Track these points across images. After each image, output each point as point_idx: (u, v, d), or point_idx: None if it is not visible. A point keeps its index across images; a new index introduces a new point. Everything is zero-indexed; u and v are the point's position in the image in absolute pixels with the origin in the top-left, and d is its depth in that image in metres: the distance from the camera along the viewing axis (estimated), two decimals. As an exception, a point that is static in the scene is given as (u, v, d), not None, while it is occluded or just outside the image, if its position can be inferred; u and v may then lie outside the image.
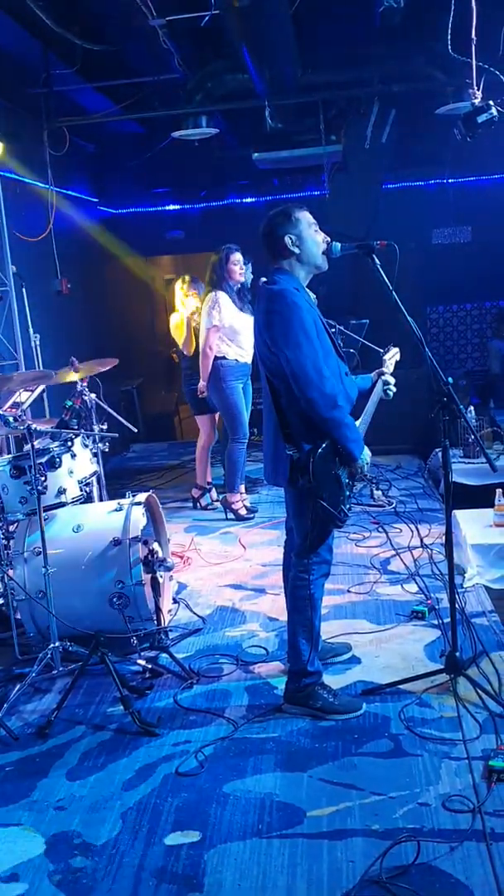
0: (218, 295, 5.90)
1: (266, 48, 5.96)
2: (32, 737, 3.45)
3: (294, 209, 3.33)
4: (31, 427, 3.80)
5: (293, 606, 3.46)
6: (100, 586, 4.01)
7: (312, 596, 3.40)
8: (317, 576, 3.41)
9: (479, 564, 4.57)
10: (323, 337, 3.29)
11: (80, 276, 8.41)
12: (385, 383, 3.56)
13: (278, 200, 9.40)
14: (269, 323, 3.23)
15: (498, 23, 5.42)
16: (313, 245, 3.32)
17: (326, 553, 3.46)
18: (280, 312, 3.19)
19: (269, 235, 3.33)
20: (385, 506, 6.20)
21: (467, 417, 3.79)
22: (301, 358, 3.13)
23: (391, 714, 3.39)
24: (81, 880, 2.61)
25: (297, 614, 3.43)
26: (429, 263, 9.28)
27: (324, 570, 3.46)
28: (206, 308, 5.94)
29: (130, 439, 8.91)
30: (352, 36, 6.72)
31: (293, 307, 3.18)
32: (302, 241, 3.30)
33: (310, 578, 3.39)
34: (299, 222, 3.31)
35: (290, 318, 3.17)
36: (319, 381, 3.13)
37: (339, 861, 2.59)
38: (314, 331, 3.21)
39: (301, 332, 3.16)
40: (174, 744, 3.32)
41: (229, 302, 5.90)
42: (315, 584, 3.41)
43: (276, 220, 3.32)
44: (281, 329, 3.17)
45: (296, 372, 3.14)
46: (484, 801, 2.79)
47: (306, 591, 3.39)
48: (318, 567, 3.41)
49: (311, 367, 3.13)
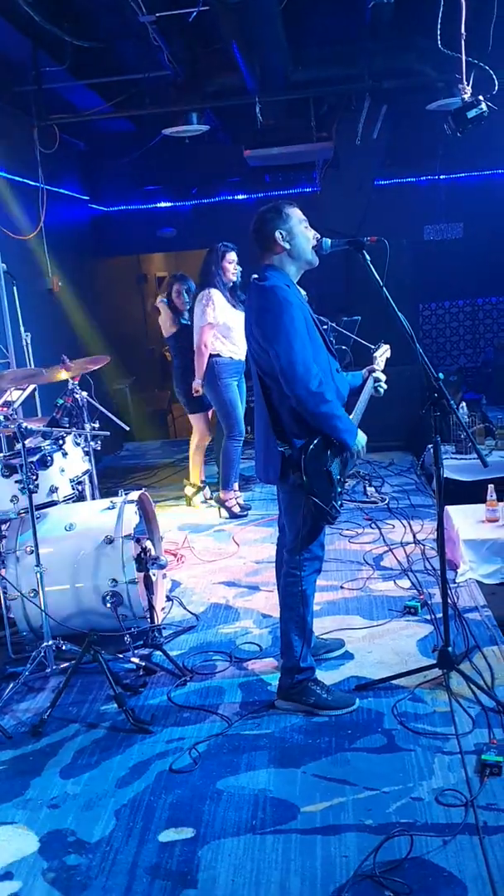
0: (211, 292, 5.88)
1: (256, 44, 5.95)
2: (26, 735, 3.45)
3: (284, 205, 3.34)
4: (22, 426, 3.80)
5: (285, 603, 3.47)
6: (93, 585, 4.01)
7: (304, 592, 3.40)
8: (308, 572, 3.42)
9: (472, 560, 4.58)
10: (313, 333, 3.29)
11: (71, 274, 8.38)
12: (376, 380, 3.59)
13: (270, 197, 9.39)
14: (259, 319, 3.24)
15: (487, 18, 5.42)
16: (303, 240, 3.32)
17: (318, 550, 3.47)
18: (270, 309, 3.20)
19: (260, 231, 3.33)
20: (378, 502, 6.21)
21: (459, 413, 3.80)
22: (290, 354, 3.14)
23: (384, 709, 3.40)
24: (75, 878, 2.61)
25: (289, 611, 3.44)
26: (420, 260, 9.26)
27: (315, 566, 3.47)
28: (199, 305, 5.93)
29: (123, 438, 8.90)
30: (342, 32, 6.71)
31: (283, 303, 3.18)
32: (292, 237, 3.30)
33: (301, 575, 3.40)
34: (290, 218, 3.31)
35: (280, 314, 3.17)
36: (307, 377, 3.14)
37: (333, 856, 2.60)
38: (304, 327, 3.22)
39: (291, 328, 3.16)
40: (168, 741, 3.32)
41: (222, 299, 5.89)
42: (307, 581, 3.41)
43: (267, 215, 3.32)
44: (271, 325, 3.18)
45: (284, 368, 3.15)
46: (477, 795, 2.80)
47: (298, 587, 3.40)
48: (309, 563, 3.42)
49: (300, 363, 3.14)
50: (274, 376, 3.23)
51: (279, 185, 10.10)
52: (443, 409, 3.38)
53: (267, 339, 3.20)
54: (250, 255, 3.46)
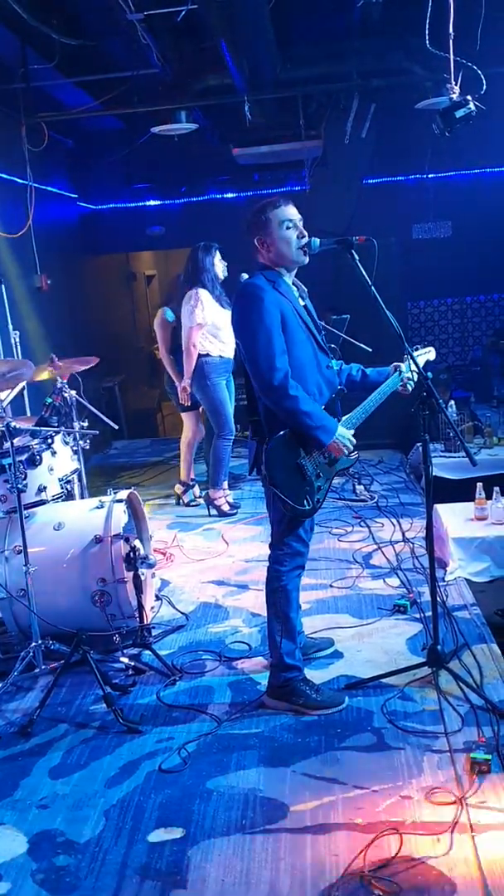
0: (199, 292, 5.86)
1: (245, 43, 5.93)
2: (15, 735, 3.44)
3: (268, 208, 3.34)
4: (10, 424, 3.78)
5: (268, 599, 3.48)
6: (81, 584, 4.00)
7: (285, 588, 3.41)
8: (289, 567, 3.42)
9: (461, 558, 4.59)
10: (294, 328, 3.29)
11: (60, 273, 8.36)
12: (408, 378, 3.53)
13: (259, 195, 9.39)
14: (233, 315, 3.39)
15: (475, 18, 5.43)
16: (283, 245, 3.33)
17: (299, 545, 3.45)
18: (240, 305, 3.32)
19: (246, 234, 3.40)
20: (367, 500, 6.22)
21: (447, 412, 3.80)
22: (254, 348, 3.21)
23: (374, 708, 3.40)
24: (65, 879, 2.60)
25: (272, 606, 3.45)
26: (409, 258, 9.28)
27: (297, 561, 3.46)
28: (187, 306, 5.91)
29: (112, 436, 8.88)
30: (331, 31, 6.71)
31: (253, 299, 3.25)
32: (271, 243, 3.33)
33: (282, 570, 3.41)
34: (269, 223, 3.32)
35: (249, 309, 3.25)
36: (270, 372, 3.17)
37: (323, 855, 2.60)
38: (276, 322, 3.23)
39: (258, 323, 3.20)
40: (157, 741, 3.31)
41: (210, 298, 5.88)
42: (288, 577, 3.41)
43: (250, 220, 3.38)
44: (239, 320, 3.31)
45: (248, 362, 3.26)
46: (466, 794, 2.80)
47: (279, 582, 3.41)
48: (290, 559, 3.42)
49: (263, 358, 3.19)
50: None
51: (268, 184, 10.09)
52: (431, 407, 3.38)
53: (237, 334, 3.34)
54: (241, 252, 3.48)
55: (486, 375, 9.03)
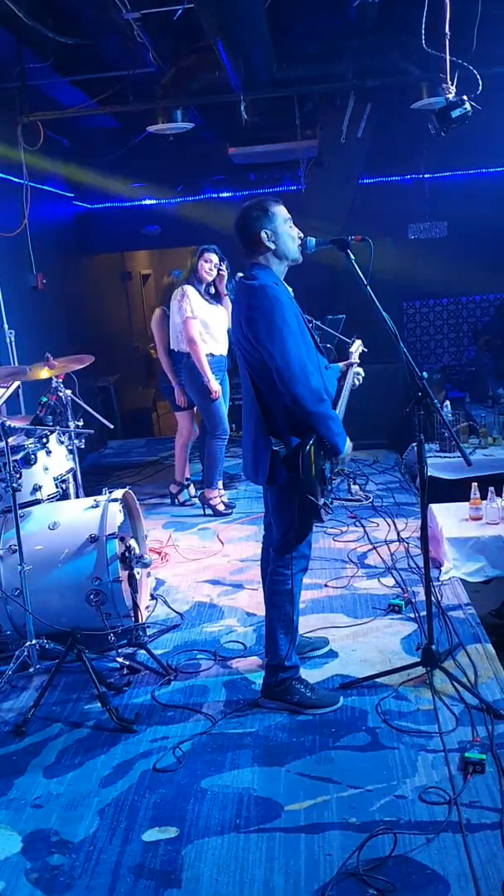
0: (185, 289, 5.95)
1: (241, 42, 5.93)
2: (9, 735, 3.43)
3: (269, 203, 3.30)
4: (5, 424, 3.78)
5: (272, 602, 3.47)
6: (76, 583, 3.99)
7: (291, 591, 3.40)
8: (296, 570, 3.41)
9: (455, 558, 4.60)
10: (304, 331, 3.29)
11: (55, 272, 8.34)
12: (356, 373, 3.66)
13: (255, 195, 9.38)
14: (250, 319, 3.18)
15: (472, 18, 5.43)
16: (289, 240, 3.30)
17: (306, 548, 3.47)
18: (261, 308, 3.16)
19: (244, 230, 3.29)
20: (362, 500, 6.22)
21: (442, 412, 3.82)
22: (285, 354, 3.11)
23: (368, 707, 3.41)
24: (59, 878, 2.60)
25: (276, 609, 3.44)
26: (405, 258, 9.29)
27: (302, 564, 3.47)
28: (176, 303, 5.97)
29: (107, 436, 8.87)
30: (327, 31, 6.70)
31: (275, 302, 3.15)
32: (278, 237, 3.27)
33: (289, 574, 3.39)
34: (275, 217, 3.27)
35: (273, 313, 3.14)
36: (304, 377, 3.12)
37: (317, 854, 2.60)
38: (296, 325, 3.20)
39: (284, 327, 3.13)
40: (152, 740, 3.31)
41: (197, 295, 5.92)
42: (294, 580, 3.41)
43: (252, 214, 3.27)
44: (263, 325, 3.14)
45: (280, 368, 3.11)
46: (460, 793, 2.81)
47: (285, 585, 3.40)
48: (297, 562, 3.41)
49: (296, 363, 3.12)
50: (265, 375, 3.20)
51: (264, 183, 10.09)
52: (427, 407, 3.39)
53: (260, 340, 3.15)
54: (237, 251, 3.44)
55: (481, 376, 9.05)
